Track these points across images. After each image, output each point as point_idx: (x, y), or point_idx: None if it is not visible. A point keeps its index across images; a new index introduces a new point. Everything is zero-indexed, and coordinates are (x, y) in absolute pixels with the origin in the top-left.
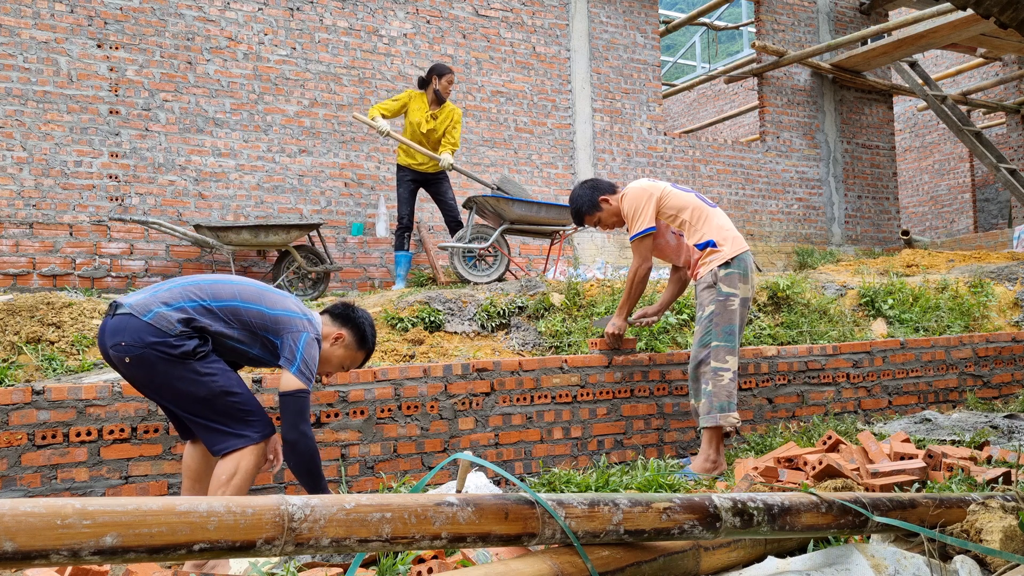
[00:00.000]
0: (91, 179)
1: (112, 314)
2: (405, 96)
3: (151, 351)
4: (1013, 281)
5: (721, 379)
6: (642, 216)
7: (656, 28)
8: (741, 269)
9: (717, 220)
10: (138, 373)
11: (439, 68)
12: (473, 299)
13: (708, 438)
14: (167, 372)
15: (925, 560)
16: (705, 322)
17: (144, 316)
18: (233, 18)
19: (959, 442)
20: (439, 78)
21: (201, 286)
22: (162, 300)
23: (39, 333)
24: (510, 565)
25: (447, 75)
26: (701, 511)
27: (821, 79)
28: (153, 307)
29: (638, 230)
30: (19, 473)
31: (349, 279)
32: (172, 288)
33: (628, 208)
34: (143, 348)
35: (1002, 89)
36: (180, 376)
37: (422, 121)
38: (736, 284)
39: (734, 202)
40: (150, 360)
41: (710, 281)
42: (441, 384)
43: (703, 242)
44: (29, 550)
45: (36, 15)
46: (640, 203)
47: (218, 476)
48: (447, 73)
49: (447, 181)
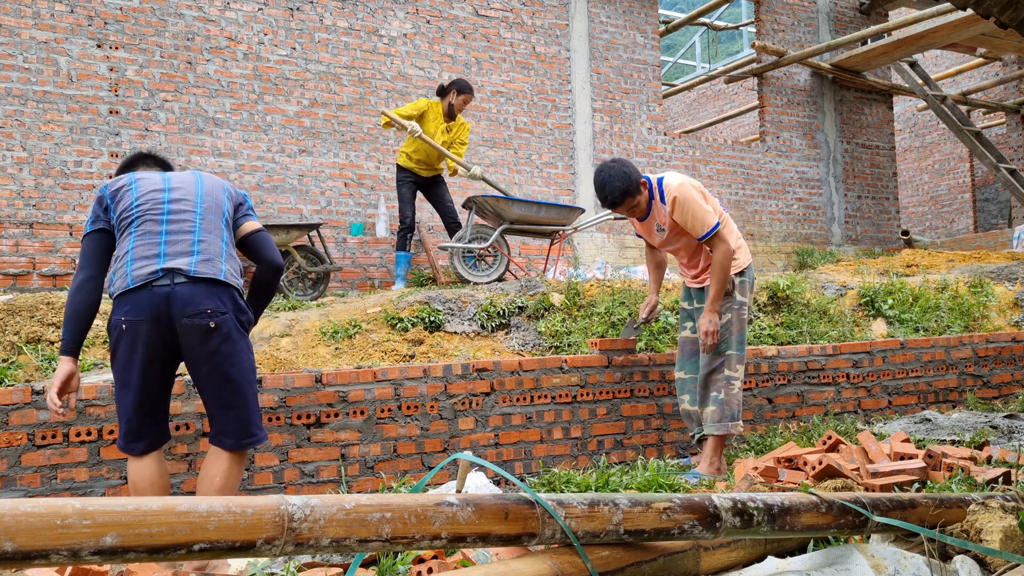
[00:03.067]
0: (91, 179)
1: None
2: (424, 104)
3: (233, 317)
4: (1013, 281)
5: (732, 387)
6: (706, 213)
7: (656, 28)
8: (751, 278)
9: (735, 227)
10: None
11: (461, 85)
12: (473, 299)
13: (715, 445)
14: (239, 342)
15: (925, 560)
16: (721, 330)
17: (220, 275)
18: (233, 18)
19: (959, 442)
20: (457, 94)
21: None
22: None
23: (39, 333)
24: (510, 565)
25: (465, 94)
26: (701, 511)
27: (821, 79)
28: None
29: (711, 226)
30: (19, 473)
31: (349, 279)
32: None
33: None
34: (226, 315)
35: (1002, 89)
36: (246, 347)
37: (436, 132)
38: (747, 293)
39: (734, 202)
40: (229, 328)
41: (728, 289)
42: (441, 384)
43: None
44: (29, 550)
45: (36, 15)
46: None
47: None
48: (466, 92)
49: (444, 184)
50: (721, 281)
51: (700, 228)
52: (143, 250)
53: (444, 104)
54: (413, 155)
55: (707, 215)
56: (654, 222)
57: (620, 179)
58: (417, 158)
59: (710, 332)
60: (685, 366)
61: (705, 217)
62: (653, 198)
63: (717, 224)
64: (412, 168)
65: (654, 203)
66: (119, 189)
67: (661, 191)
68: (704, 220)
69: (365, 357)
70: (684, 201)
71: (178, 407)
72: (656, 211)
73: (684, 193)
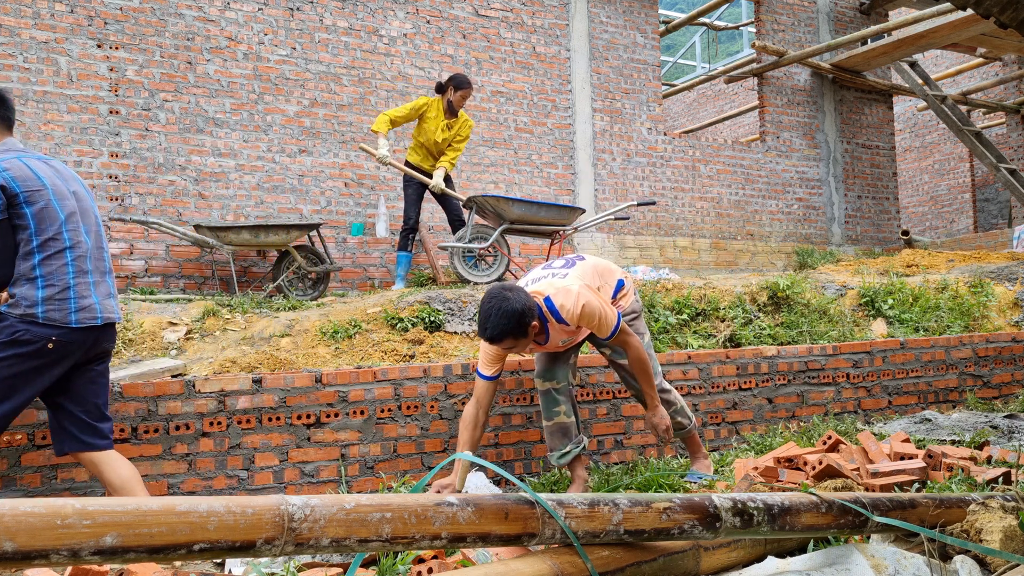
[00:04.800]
0: (91, 179)
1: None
2: (422, 102)
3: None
4: (1013, 281)
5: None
6: (609, 313)
7: (656, 28)
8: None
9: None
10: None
11: (458, 80)
12: (473, 299)
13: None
14: None
15: (925, 560)
16: (648, 349)
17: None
18: (233, 18)
19: (959, 442)
20: (455, 90)
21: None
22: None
23: None
24: (510, 565)
25: (464, 90)
26: (701, 511)
27: (821, 79)
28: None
29: (615, 323)
30: (19, 473)
31: (349, 279)
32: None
33: (593, 313)
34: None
35: (1002, 89)
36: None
37: (436, 130)
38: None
39: (734, 202)
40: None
41: (639, 309)
42: (441, 384)
43: (615, 291)
44: (29, 550)
45: (36, 15)
46: (597, 301)
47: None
48: (465, 88)
49: (451, 181)
50: (648, 377)
51: (607, 329)
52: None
53: (443, 101)
54: (425, 144)
55: (610, 313)
56: (557, 340)
57: (509, 317)
58: (428, 149)
59: (666, 427)
60: (556, 375)
61: (609, 316)
62: (547, 321)
63: (618, 318)
64: (420, 165)
65: (549, 326)
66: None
67: (555, 313)
68: (608, 319)
69: (365, 357)
70: (590, 310)
71: (178, 407)
72: (554, 332)
73: (587, 302)
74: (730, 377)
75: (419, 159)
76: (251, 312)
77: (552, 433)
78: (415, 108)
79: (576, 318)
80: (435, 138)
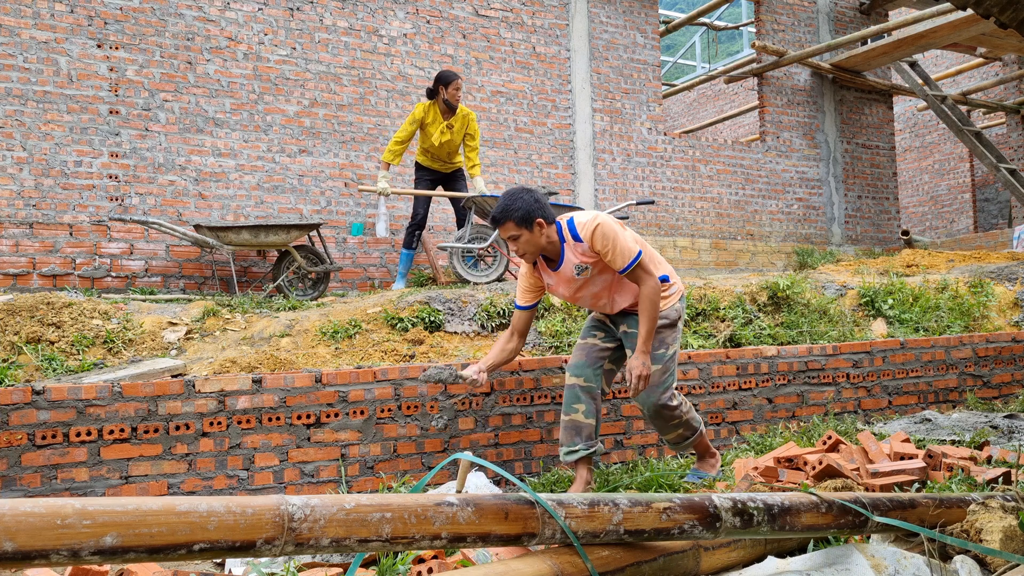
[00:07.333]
0: (91, 179)
1: None
2: (419, 112)
3: None
4: (1013, 281)
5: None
6: (628, 243)
7: (656, 28)
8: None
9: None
10: None
11: (444, 76)
12: (473, 299)
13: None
14: None
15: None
16: (668, 362)
17: None
18: (233, 18)
19: (959, 442)
20: (446, 87)
21: None
22: None
23: (39, 333)
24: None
25: (454, 82)
26: (701, 511)
27: (821, 79)
28: None
29: (634, 255)
30: (19, 473)
31: (349, 279)
32: None
33: (608, 233)
34: None
35: (1002, 89)
36: None
37: (438, 133)
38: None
39: (734, 202)
40: None
41: (673, 318)
42: (441, 384)
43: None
44: (29, 550)
45: (36, 15)
46: (620, 230)
47: None
48: (454, 80)
49: (463, 180)
50: (653, 315)
51: (621, 259)
52: None
53: (439, 103)
54: (430, 150)
55: (630, 245)
56: (571, 265)
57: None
58: (434, 154)
59: (643, 376)
60: (585, 373)
61: (628, 246)
62: (565, 241)
63: (639, 254)
64: (430, 166)
65: (566, 246)
66: None
67: (573, 230)
68: (626, 249)
69: (365, 357)
70: (605, 230)
71: (178, 407)
72: (570, 253)
73: (605, 221)
74: (730, 377)
75: (428, 160)
76: (251, 312)
77: (566, 428)
78: (414, 121)
79: (590, 235)
80: (441, 140)
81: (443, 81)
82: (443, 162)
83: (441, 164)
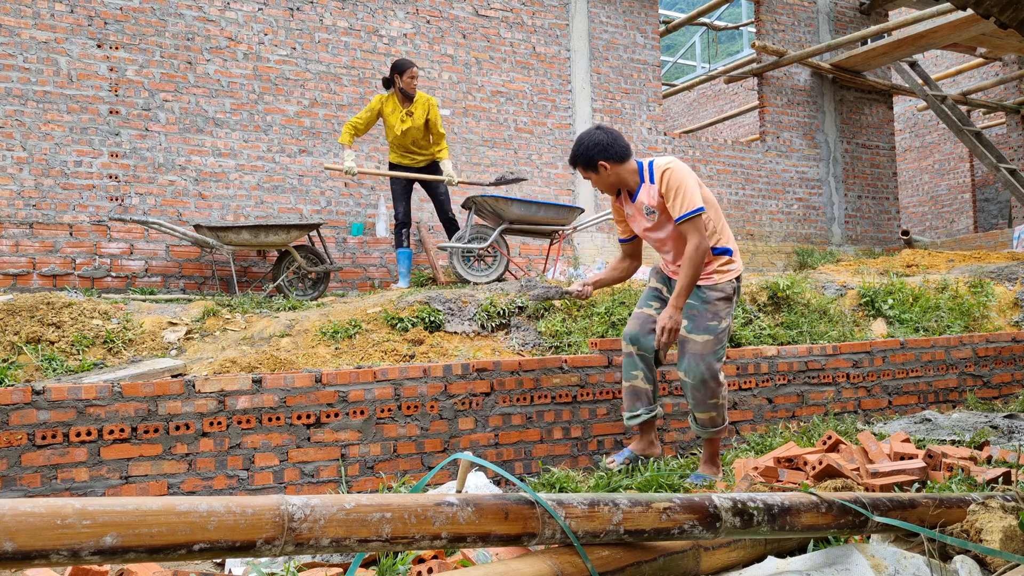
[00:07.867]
0: (91, 179)
1: None
2: (376, 103)
3: None
4: (1013, 281)
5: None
6: (693, 194)
7: (656, 28)
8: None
9: (728, 229)
10: None
11: (398, 65)
12: (473, 299)
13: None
14: None
15: (925, 560)
16: (721, 335)
17: None
18: (233, 18)
19: (959, 442)
20: (400, 76)
21: None
22: None
23: (39, 333)
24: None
25: (408, 70)
26: (701, 511)
27: (821, 79)
28: None
29: (694, 207)
30: (19, 473)
31: (349, 279)
32: None
33: (674, 178)
34: None
35: (1002, 89)
36: None
37: (397, 123)
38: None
39: (734, 202)
40: None
41: (729, 292)
42: (441, 384)
43: (720, 247)
44: (29, 550)
45: (36, 15)
46: (690, 181)
47: None
48: (408, 68)
49: (439, 174)
50: (692, 275)
51: (680, 207)
52: None
53: (396, 93)
54: (395, 142)
55: (694, 196)
56: (643, 205)
57: (581, 145)
58: (401, 144)
59: (668, 329)
60: (639, 341)
61: (691, 197)
62: (643, 181)
63: (700, 208)
64: (401, 162)
65: (644, 186)
66: None
67: (650, 170)
68: (688, 199)
69: (365, 357)
70: (673, 175)
71: (178, 407)
72: (645, 193)
73: (677, 167)
74: (730, 377)
75: (398, 157)
76: (251, 312)
77: (627, 393)
78: (371, 109)
79: (660, 177)
80: (402, 128)
81: (397, 70)
82: (413, 154)
83: (411, 158)
